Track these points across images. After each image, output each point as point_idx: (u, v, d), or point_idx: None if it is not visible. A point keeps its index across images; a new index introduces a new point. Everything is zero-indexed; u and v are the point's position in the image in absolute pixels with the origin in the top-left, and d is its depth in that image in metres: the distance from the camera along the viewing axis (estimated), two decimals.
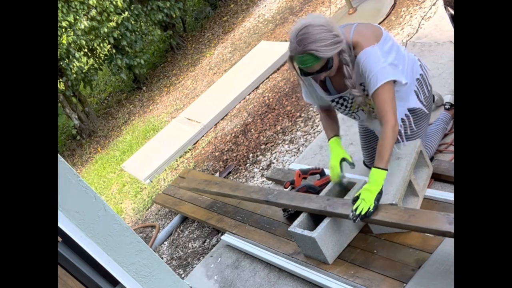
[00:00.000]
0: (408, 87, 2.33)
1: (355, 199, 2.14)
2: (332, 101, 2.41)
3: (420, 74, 2.40)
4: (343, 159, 2.38)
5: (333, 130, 2.48)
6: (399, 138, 2.42)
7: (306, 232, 2.31)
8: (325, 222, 2.29)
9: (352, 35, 2.19)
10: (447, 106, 2.73)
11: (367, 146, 2.69)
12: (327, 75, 2.23)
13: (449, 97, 2.76)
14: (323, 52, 2.07)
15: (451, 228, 1.78)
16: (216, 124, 4.90)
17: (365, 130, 2.62)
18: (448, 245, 2.05)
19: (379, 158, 2.11)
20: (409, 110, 2.37)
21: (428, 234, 2.19)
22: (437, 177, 2.44)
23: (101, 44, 6.88)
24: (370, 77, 2.15)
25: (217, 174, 3.98)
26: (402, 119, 2.37)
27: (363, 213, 2.08)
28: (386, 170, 2.11)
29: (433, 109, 2.93)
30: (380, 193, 2.10)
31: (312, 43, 2.05)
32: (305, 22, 2.10)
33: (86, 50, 6.89)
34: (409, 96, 2.36)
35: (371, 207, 2.07)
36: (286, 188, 2.96)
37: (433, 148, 2.51)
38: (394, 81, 2.19)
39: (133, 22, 7.01)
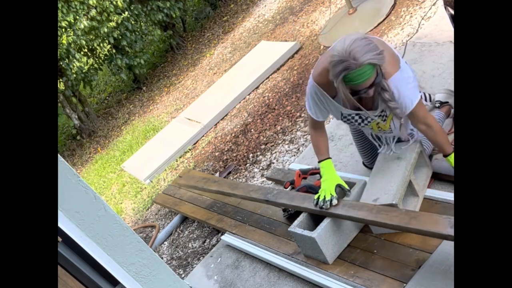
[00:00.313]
0: None
1: None
2: (349, 116, 2.39)
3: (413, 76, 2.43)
4: (339, 185, 2.36)
5: (326, 150, 2.47)
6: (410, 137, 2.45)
7: (306, 232, 2.31)
8: (325, 222, 2.29)
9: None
10: (437, 104, 2.75)
11: (362, 146, 2.70)
12: (375, 91, 2.18)
13: (439, 96, 2.78)
14: (379, 60, 2.05)
15: (452, 231, 1.78)
16: (216, 124, 4.90)
17: (357, 132, 2.63)
18: (448, 245, 2.05)
19: (444, 147, 2.22)
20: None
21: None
22: (437, 177, 2.44)
23: (101, 44, 6.88)
24: (405, 100, 2.17)
25: (217, 174, 3.98)
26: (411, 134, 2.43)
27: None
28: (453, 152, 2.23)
29: (429, 109, 2.94)
30: None
31: (368, 52, 2.02)
32: (349, 38, 2.06)
33: (86, 50, 6.89)
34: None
35: None
36: (286, 188, 2.96)
37: (430, 147, 2.53)
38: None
39: (133, 22, 7.01)
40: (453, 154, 2.22)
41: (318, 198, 2.33)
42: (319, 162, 2.45)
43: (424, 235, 1.98)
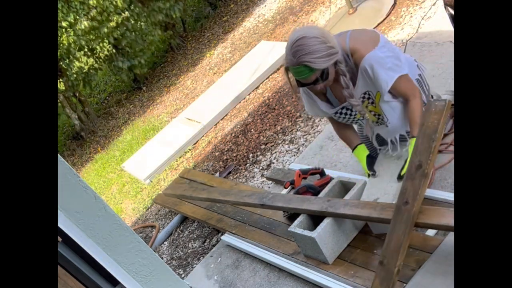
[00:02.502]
0: None
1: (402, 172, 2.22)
2: (335, 113, 2.42)
3: (419, 74, 2.42)
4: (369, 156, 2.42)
5: (354, 138, 2.51)
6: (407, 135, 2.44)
7: (306, 232, 2.31)
8: (325, 222, 2.29)
9: (348, 42, 2.21)
10: None
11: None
12: (324, 86, 2.25)
13: (446, 97, 2.77)
14: (318, 64, 2.10)
15: None
16: (216, 124, 4.90)
17: (364, 137, 2.64)
18: (448, 245, 2.05)
19: (414, 127, 2.19)
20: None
21: (428, 234, 2.19)
22: None
23: (101, 44, 6.87)
24: (381, 79, 2.18)
25: (217, 174, 3.98)
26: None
27: None
28: None
29: None
30: None
31: (307, 54, 2.07)
32: (300, 33, 2.11)
33: (86, 50, 6.89)
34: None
35: None
36: (286, 188, 2.96)
37: None
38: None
39: (133, 22, 7.01)
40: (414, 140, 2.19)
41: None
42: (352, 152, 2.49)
43: (432, 228, 1.97)
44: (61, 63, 6.24)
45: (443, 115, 1.88)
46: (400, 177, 2.24)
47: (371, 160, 2.42)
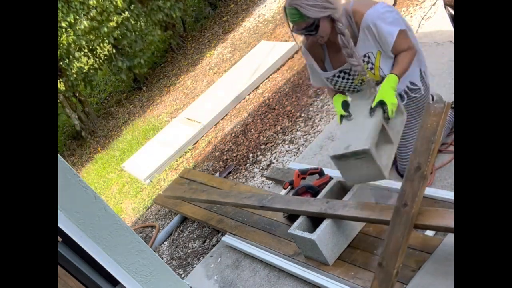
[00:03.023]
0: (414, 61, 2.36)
1: (376, 106, 2.19)
2: (333, 78, 2.40)
3: (425, 65, 2.46)
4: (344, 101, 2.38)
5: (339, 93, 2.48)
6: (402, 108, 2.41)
7: (306, 234, 2.30)
8: (325, 224, 2.29)
9: (352, 4, 2.26)
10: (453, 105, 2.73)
11: None
12: (317, 40, 2.26)
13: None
14: (308, 11, 2.12)
15: None
16: (216, 124, 4.90)
17: None
18: (447, 246, 2.05)
19: (396, 67, 2.23)
20: (411, 83, 2.40)
21: (428, 234, 2.19)
22: None
23: (101, 44, 6.87)
24: (385, 33, 2.20)
25: (217, 174, 3.98)
26: (400, 94, 2.39)
27: (395, 109, 2.18)
28: (399, 77, 2.22)
29: None
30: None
31: None
32: None
33: (86, 50, 6.89)
34: (414, 70, 2.39)
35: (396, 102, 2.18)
36: (285, 188, 2.96)
37: (450, 124, 2.57)
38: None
39: (133, 22, 7.00)
40: (395, 77, 2.20)
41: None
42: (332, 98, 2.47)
43: (431, 230, 1.97)
44: (61, 63, 6.24)
45: (442, 117, 1.88)
46: (371, 110, 2.20)
47: (345, 103, 2.37)
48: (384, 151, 2.20)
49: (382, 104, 2.17)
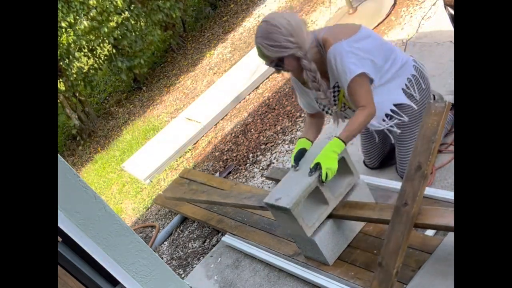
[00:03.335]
0: (393, 84, 2.33)
1: (314, 168, 2.18)
2: (318, 101, 2.41)
3: (412, 75, 2.36)
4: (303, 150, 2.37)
5: (308, 134, 2.48)
6: (390, 136, 2.44)
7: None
8: (325, 224, 2.29)
9: (323, 34, 2.24)
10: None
11: (367, 147, 2.71)
12: (288, 73, 2.32)
13: (450, 98, 2.77)
14: (269, 51, 2.16)
15: None
16: (216, 124, 4.90)
17: (366, 132, 2.63)
18: (447, 246, 2.05)
19: (344, 131, 2.19)
20: (396, 105, 2.36)
21: (428, 234, 2.19)
22: None
23: (101, 44, 6.87)
24: (339, 72, 2.19)
25: (217, 174, 3.98)
26: (387, 114, 2.37)
27: (330, 176, 2.14)
28: (345, 144, 2.18)
29: None
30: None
31: (262, 38, 2.15)
32: (270, 17, 2.18)
33: (86, 50, 6.89)
34: (395, 92, 2.35)
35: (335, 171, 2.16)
36: None
37: (450, 122, 2.56)
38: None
39: (133, 22, 7.00)
40: (340, 143, 2.16)
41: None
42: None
43: (431, 229, 1.97)
44: (61, 63, 6.24)
45: (442, 117, 1.88)
46: (310, 170, 2.19)
47: (300, 153, 2.35)
48: (315, 212, 2.25)
49: (318, 167, 2.17)
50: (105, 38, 6.70)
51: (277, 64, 2.22)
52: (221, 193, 3.19)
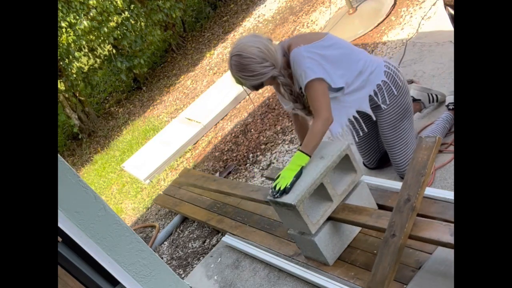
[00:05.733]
0: (361, 93, 2.35)
1: (276, 178, 2.24)
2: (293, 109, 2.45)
3: (382, 81, 2.35)
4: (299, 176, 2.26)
5: (301, 139, 2.51)
6: (355, 137, 2.50)
7: (306, 235, 2.30)
8: (325, 224, 2.29)
9: (288, 41, 2.28)
10: (450, 107, 2.73)
11: (362, 147, 2.72)
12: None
13: (450, 98, 2.77)
14: (248, 81, 2.23)
15: (451, 239, 1.77)
16: (216, 124, 4.90)
17: (361, 138, 2.65)
18: None
19: (304, 144, 2.21)
20: (358, 112, 2.40)
21: None
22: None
23: (101, 44, 6.87)
24: (298, 76, 2.23)
25: (217, 174, 3.98)
26: (350, 119, 2.42)
27: (282, 188, 2.17)
28: (309, 156, 2.21)
29: (434, 108, 2.93)
30: (300, 172, 2.20)
31: (239, 71, 2.21)
32: (239, 48, 2.18)
33: (86, 50, 6.89)
34: (361, 99, 2.37)
35: (289, 184, 2.16)
36: None
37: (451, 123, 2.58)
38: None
39: (133, 22, 7.01)
40: (303, 156, 2.19)
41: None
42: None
43: (423, 242, 1.97)
44: (61, 63, 6.24)
45: (432, 151, 1.94)
46: (273, 188, 2.22)
47: (295, 180, 2.22)
48: (319, 208, 2.27)
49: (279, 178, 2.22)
50: (105, 38, 6.70)
51: (258, 87, 2.28)
52: (230, 183, 3.19)
